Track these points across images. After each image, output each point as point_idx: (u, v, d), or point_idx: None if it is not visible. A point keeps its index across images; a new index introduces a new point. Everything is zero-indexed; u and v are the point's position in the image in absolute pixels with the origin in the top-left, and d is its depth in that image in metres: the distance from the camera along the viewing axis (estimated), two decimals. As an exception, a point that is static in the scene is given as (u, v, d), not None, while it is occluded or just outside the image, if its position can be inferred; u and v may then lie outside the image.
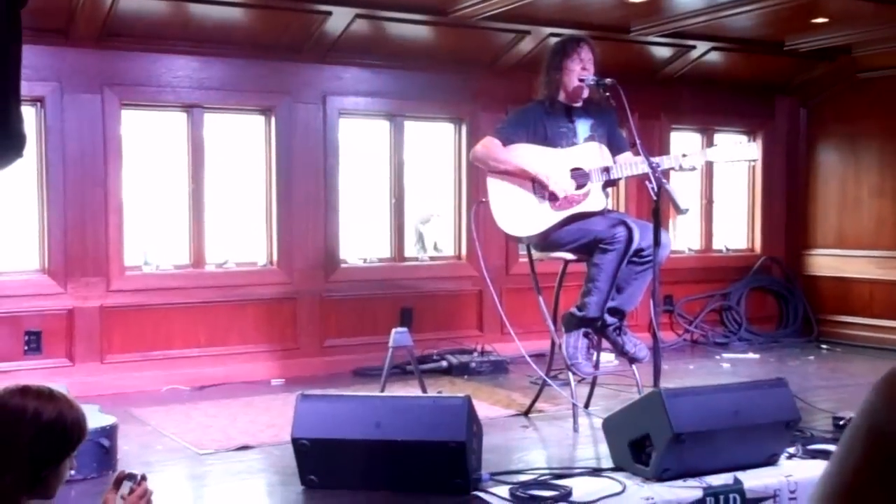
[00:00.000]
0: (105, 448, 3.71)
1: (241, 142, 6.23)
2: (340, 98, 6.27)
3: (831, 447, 3.93)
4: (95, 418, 3.66)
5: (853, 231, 7.69)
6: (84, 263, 5.56)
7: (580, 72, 4.51)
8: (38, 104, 5.42)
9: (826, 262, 7.86)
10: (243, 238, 6.33)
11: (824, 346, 7.40)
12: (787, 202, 8.08)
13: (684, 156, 4.52)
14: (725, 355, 6.93)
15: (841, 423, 4.37)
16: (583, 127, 4.63)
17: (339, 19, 5.76)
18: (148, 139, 6.04)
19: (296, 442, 3.48)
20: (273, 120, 6.10)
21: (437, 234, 7.48)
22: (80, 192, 5.54)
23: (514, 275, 6.53)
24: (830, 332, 7.66)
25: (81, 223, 5.55)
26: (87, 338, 5.56)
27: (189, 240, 5.95)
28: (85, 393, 4.95)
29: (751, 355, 6.97)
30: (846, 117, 7.68)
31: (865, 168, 7.59)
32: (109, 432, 3.77)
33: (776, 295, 7.94)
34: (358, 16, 5.75)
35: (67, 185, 5.51)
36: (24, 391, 2.20)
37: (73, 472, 2.28)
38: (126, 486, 2.28)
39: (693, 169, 4.56)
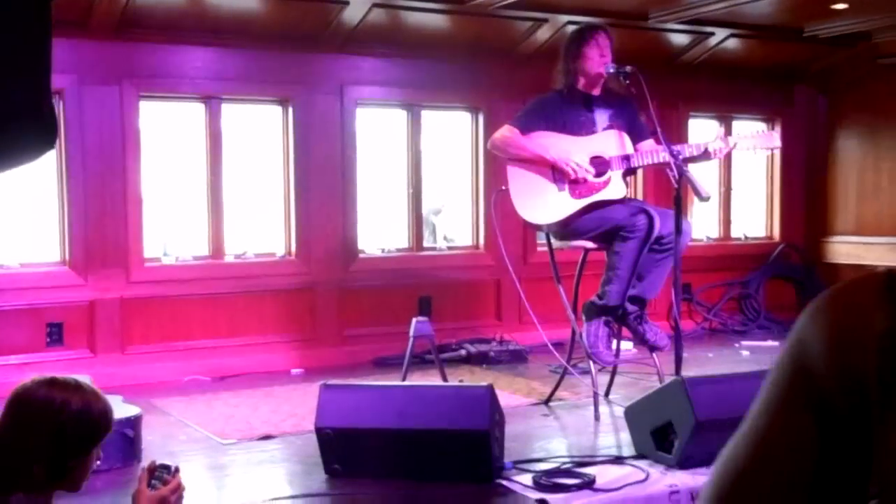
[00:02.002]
0: (130, 438, 3.73)
1: (259, 132, 6.23)
2: (358, 88, 6.27)
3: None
4: (119, 409, 3.67)
5: (872, 218, 7.64)
6: (104, 255, 5.59)
7: (599, 60, 4.49)
8: (57, 96, 5.44)
9: (845, 250, 7.82)
10: (262, 229, 6.35)
11: (844, 334, 7.35)
12: (806, 189, 8.03)
13: (710, 144, 4.48)
14: (744, 343, 6.91)
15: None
16: (601, 117, 4.61)
17: (356, 9, 5.75)
18: (166, 130, 6.06)
19: (319, 431, 3.49)
20: (290, 110, 6.10)
21: (447, 225, 7.48)
22: (100, 183, 5.56)
23: (531, 264, 6.52)
24: (850, 320, 7.60)
25: (101, 215, 5.57)
26: (107, 329, 5.59)
27: (208, 231, 5.97)
28: (106, 384, 4.96)
29: (770, 343, 6.94)
30: (866, 104, 7.62)
31: (885, 155, 7.54)
32: (134, 423, 3.79)
33: (795, 282, 7.91)
34: (375, 5, 5.74)
35: (87, 176, 5.53)
36: (52, 382, 2.22)
37: (98, 462, 2.29)
38: (159, 479, 2.28)
39: (716, 157, 4.53)
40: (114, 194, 5.60)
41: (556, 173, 4.47)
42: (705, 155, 4.48)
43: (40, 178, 5.50)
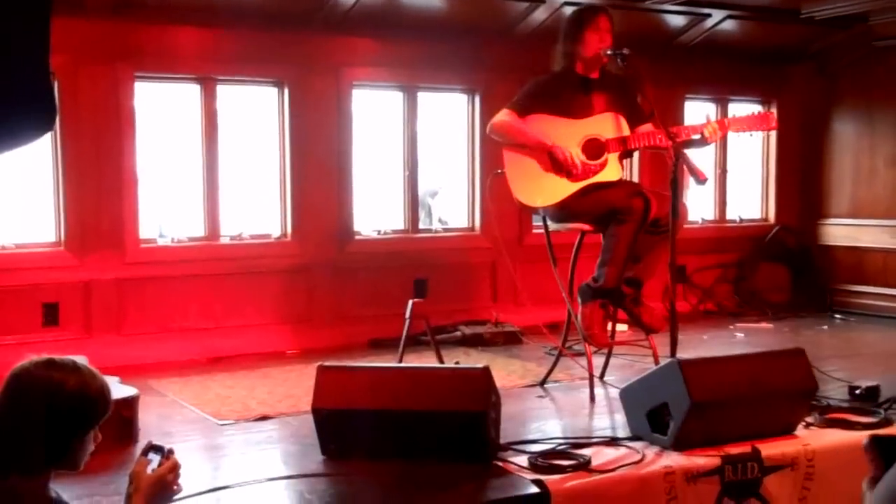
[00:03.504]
0: (127, 419, 3.74)
1: (255, 113, 6.22)
2: (354, 69, 6.25)
3: (848, 416, 3.95)
4: (116, 389, 3.67)
5: (868, 200, 7.65)
6: (100, 236, 5.58)
7: (598, 44, 4.48)
8: (52, 76, 5.40)
9: (840, 232, 7.84)
10: (258, 210, 6.34)
11: (838, 316, 7.39)
12: (802, 172, 8.04)
13: (705, 127, 4.47)
14: (739, 325, 6.93)
15: (857, 391, 4.38)
16: (599, 100, 4.60)
17: (352, -10, 5.72)
18: (162, 111, 6.03)
19: (316, 412, 3.50)
20: (286, 91, 6.08)
21: (443, 208, 7.48)
22: (95, 164, 5.55)
23: (526, 246, 6.52)
24: (844, 302, 7.65)
25: (97, 196, 5.56)
26: (103, 310, 5.59)
27: (204, 212, 5.96)
28: (102, 365, 4.96)
29: (764, 325, 6.96)
30: (862, 86, 7.62)
31: (881, 137, 7.54)
32: (130, 403, 3.80)
33: (790, 265, 7.92)
34: (371, -14, 5.72)
35: (82, 157, 5.52)
36: (49, 363, 2.22)
37: (96, 443, 2.30)
38: (155, 459, 2.30)
39: (712, 141, 4.53)
40: (109, 175, 5.59)
41: (553, 157, 4.47)
42: (701, 139, 4.48)
43: (35, 158, 5.48)
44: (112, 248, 5.61)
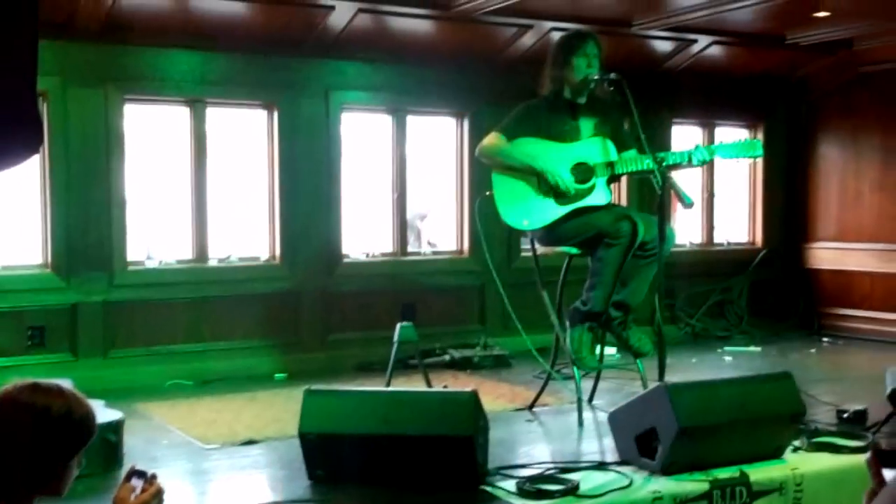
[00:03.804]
0: (112, 443, 3.71)
1: (244, 136, 6.22)
2: (343, 92, 6.27)
3: (836, 440, 3.95)
4: (101, 413, 3.65)
5: (854, 224, 7.70)
6: (87, 258, 5.56)
7: (586, 69, 4.50)
8: (41, 98, 5.41)
9: (827, 256, 7.88)
10: (246, 233, 6.33)
11: (825, 339, 7.42)
12: (788, 196, 8.08)
13: (692, 153, 4.49)
14: (727, 349, 6.94)
15: (845, 415, 4.38)
16: (587, 125, 4.62)
17: (342, 14, 5.75)
18: (151, 133, 6.03)
19: (303, 436, 3.48)
20: (276, 114, 6.09)
21: (432, 231, 7.49)
22: (83, 186, 5.54)
23: (515, 269, 6.52)
24: (831, 325, 7.68)
25: (84, 218, 5.55)
26: (90, 333, 5.57)
27: (192, 234, 5.95)
28: (88, 388, 4.93)
29: (752, 348, 6.98)
30: (847, 111, 7.69)
31: (866, 162, 7.60)
32: (116, 427, 3.77)
33: (777, 288, 7.95)
34: (360, 10, 5.74)
35: (70, 179, 5.51)
36: (34, 387, 2.19)
37: (80, 468, 2.28)
38: (139, 485, 2.27)
39: (700, 165, 4.56)
40: (97, 197, 5.58)
41: (542, 180, 4.48)
42: (688, 163, 4.50)
43: (23, 180, 5.47)
44: (99, 271, 5.59)
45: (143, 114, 5.92)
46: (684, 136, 7.54)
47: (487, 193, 4.62)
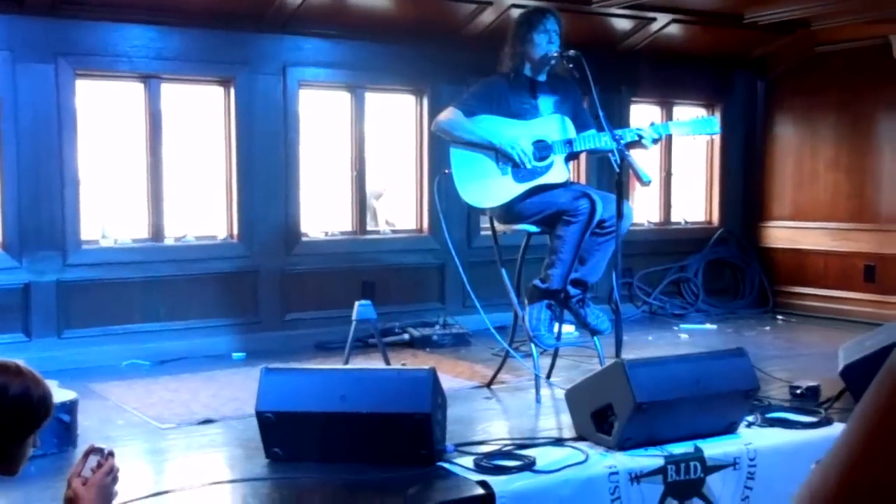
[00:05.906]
0: (66, 423, 3.67)
1: (200, 113, 6.14)
2: (301, 69, 6.21)
3: (789, 415, 4.01)
4: (56, 394, 3.60)
5: (809, 203, 7.80)
6: (39, 237, 5.47)
7: (547, 46, 4.50)
8: (-11, 74, 5.30)
9: (782, 234, 7.98)
10: (203, 211, 6.26)
11: (780, 317, 7.52)
12: (745, 175, 8.16)
13: (647, 129, 4.53)
14: (683, 326, 7.02)
15: (797, 391, 4.45)
16: (546, 103, 4.62)
17: (299, -11, 5.68)
18: (104, 110, 5.93)
19: (260, 415, 3.46)
20: (232, 91, 6.02)
21: (389, 210, 7.46)
22: (35, 164, 5.44)
23: (475, 248, 6.53)
24: (786, 303, 7.78)
25: (36, 196, 5.45)
26: (43, 313, 5.48)
27: (147, 213, 5.87)
28: (42, 368, 4.86)
29: (708, 326, 7.06)
30: (804, 91, 7.76)
31: (822, 141, 7.69)
32: (70, 407, 3.72)
33: (733, 267, 8.04)
34: (318, -15, 5.68)
35: (21, 157, 5.40)
36: (-10, 367, 2.16)
37: (35, 448, 2.25)
38: (93, 460, 2.25)
39: (656, 142, 4.58)
40: (49, 175, 5.48)
41: (500, 157, 4.48)
42: (643, 140, 4.53)
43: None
44: (53, 250, 5.50)
45: (96, 90, 5.82)
46: (643, 114, 7.57)
47: (446, 171, 4.61)
